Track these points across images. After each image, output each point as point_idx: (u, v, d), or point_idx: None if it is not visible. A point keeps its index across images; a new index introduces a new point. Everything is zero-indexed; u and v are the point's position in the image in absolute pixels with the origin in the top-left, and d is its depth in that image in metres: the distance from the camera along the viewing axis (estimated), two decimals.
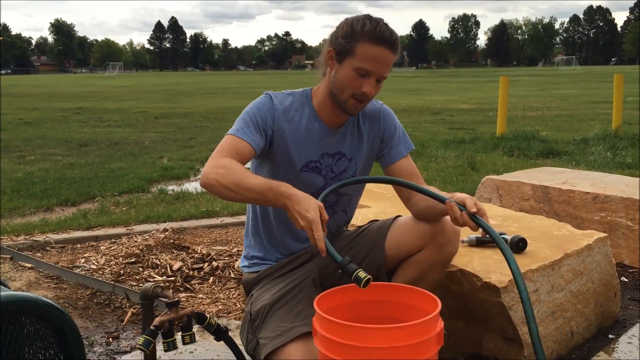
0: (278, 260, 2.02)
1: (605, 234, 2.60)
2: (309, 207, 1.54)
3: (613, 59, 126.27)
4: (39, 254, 3.62)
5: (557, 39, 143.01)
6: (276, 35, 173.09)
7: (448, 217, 1.93)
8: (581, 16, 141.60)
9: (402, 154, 2.02)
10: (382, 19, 1.80)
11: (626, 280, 3.10)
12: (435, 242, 1.90)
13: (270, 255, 2.03)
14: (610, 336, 2.48)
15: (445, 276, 2.15)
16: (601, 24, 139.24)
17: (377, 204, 3.11)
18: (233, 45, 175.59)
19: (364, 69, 1.77)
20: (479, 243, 2.39)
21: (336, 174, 1.97)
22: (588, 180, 3.71)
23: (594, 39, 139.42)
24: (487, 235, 1.77)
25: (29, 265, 3.39)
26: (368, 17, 1.79)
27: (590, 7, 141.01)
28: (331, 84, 1.84)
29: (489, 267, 2.18)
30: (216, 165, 1.69)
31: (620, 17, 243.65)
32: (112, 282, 3.03)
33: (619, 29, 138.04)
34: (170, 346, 1.74)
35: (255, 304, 1.88)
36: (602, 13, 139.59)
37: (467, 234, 2.34)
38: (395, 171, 2.01)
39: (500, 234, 2.40)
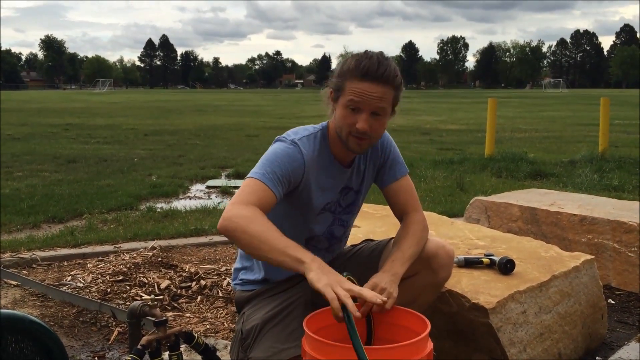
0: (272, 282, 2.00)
1: (592, 256, 2.63)
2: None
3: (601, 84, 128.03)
4: (25, 272, 3.58)
5: (545, 62, 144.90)
6: (267, 54, 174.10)
7: (442, 241, 1.95)
8: (568, 40, 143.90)
9: (394, 178, 2.01)
10: (380, 54, 1.77)
11: (613, 302, 3.12)
12: (429, 266, 1.91)
13: (266, 279, 2.00)
14: (597, 358, 2.49)
15: None
16: (588, 48, 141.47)
17: (366, 223, 3.12)
18: (224, 64, 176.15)
19: (353, 101, 1.74)
20: (467, 264, 2.40)
21: (343, 207, 1.99)
22: (575, 202, 3.74)
23: (580, 62, 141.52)
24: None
25: (14, 282, 3.36)
26: (362, 54, 1.77)
27: (577, 31, 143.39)
28: (334, 123, 1.84)
29: (477, 287, 2.20)
30: (241, 215, 1.61)
31: (606, 42, 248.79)
32: (98, 301, 3.00)
33: (605, 52, 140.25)
34: None
35: (246, 323, 1.87)
36: (589, 37, 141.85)
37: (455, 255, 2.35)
38: (389, 193, 2.02)
39: (489, 255, 2.42)
